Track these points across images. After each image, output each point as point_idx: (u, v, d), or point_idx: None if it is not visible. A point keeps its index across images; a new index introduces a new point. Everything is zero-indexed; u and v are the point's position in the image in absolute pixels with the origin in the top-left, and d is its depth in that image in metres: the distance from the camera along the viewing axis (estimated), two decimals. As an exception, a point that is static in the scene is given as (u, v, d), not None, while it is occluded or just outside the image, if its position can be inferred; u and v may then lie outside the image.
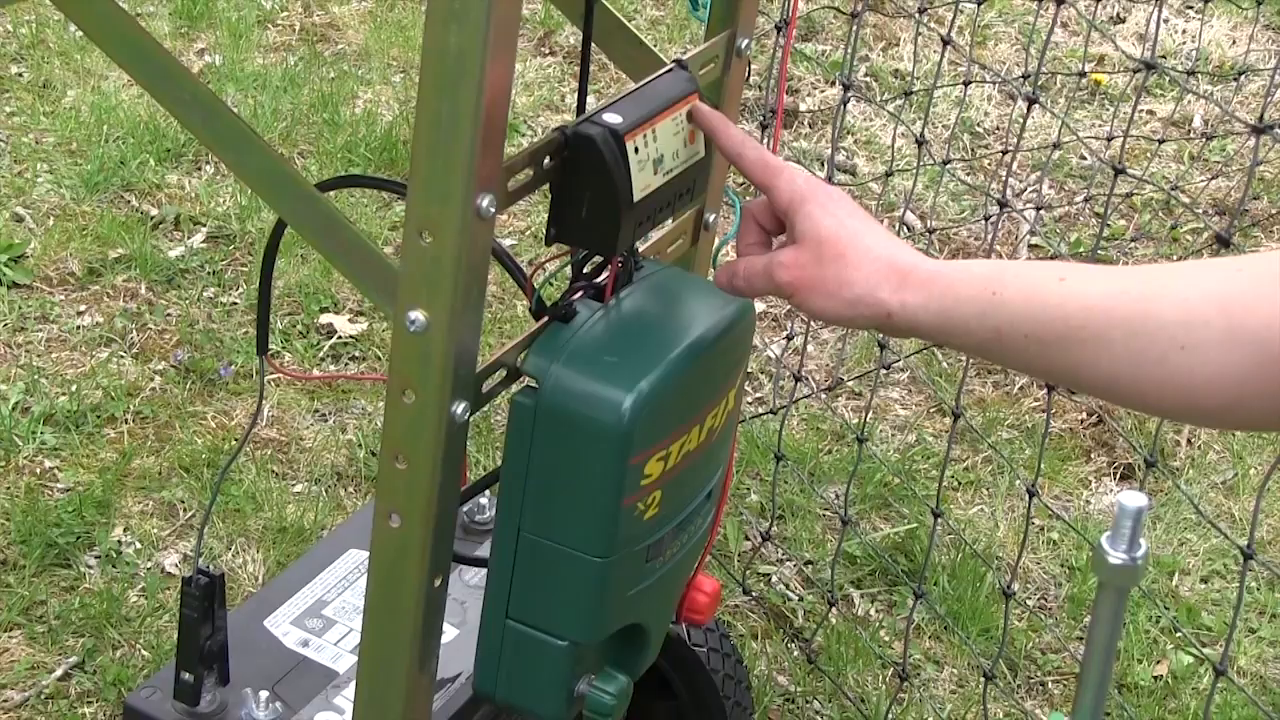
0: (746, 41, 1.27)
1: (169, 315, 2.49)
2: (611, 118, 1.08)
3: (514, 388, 1.12)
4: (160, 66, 1.06)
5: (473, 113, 0.94)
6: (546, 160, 1.07)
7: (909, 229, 2.94)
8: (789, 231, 1.07)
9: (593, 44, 1.21)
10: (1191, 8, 3.75)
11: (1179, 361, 0.81)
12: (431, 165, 0.97)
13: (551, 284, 1.18)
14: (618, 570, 1.13)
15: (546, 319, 1.12)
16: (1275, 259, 0.88)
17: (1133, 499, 0.75)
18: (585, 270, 1.17)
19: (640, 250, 1.21)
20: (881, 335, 2.33)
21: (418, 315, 1.01)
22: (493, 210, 0.99)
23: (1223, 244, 1.34)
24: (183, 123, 1.08)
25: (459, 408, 1.06)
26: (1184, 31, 3.69)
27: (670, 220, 1.26)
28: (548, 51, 3.43)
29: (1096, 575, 0.78)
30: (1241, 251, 2.89)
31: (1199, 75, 3.50)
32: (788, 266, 1.04)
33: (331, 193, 1.18)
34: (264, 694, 1.33)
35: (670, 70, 1.17)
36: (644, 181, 1.11)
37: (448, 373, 1.03)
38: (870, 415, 2.41)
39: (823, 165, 2.95)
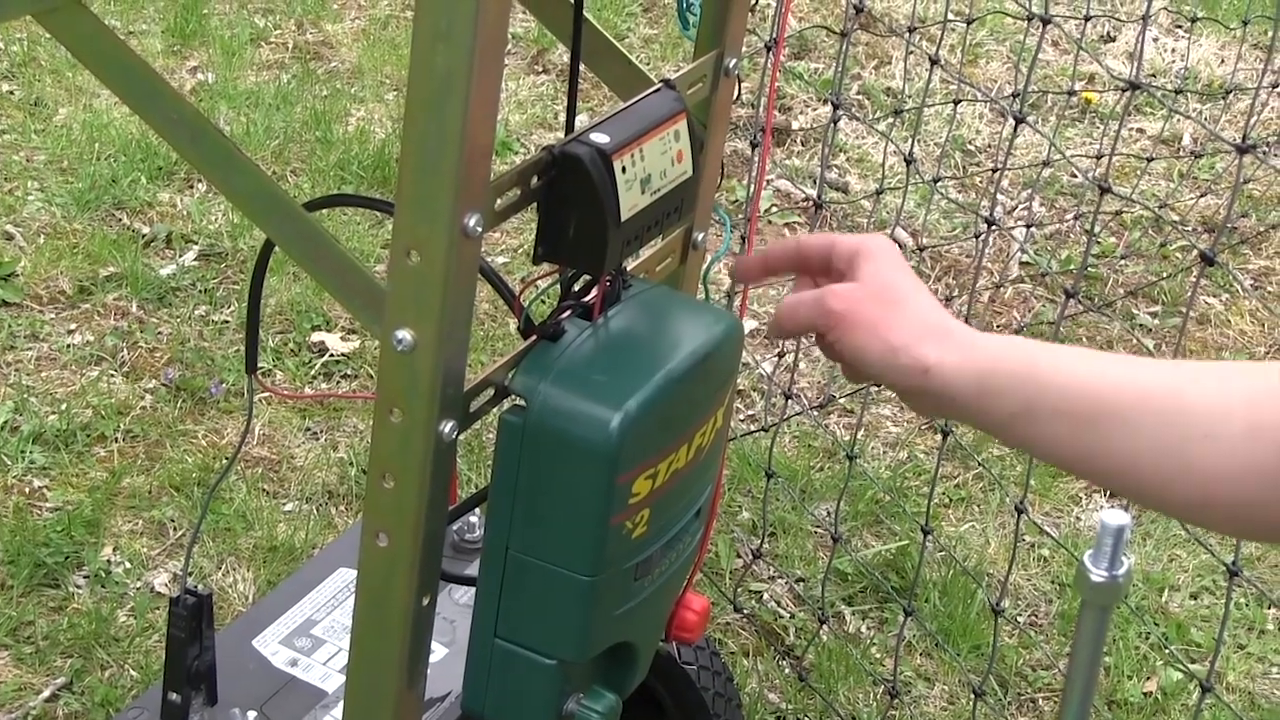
0: (735, 61, 1.27)
1: (160, 334, 2.48)
2: (599, 137, 1.08)
3: (503, 406, 1.12)
4: (147, 86, 1.06)
5: (460, 132, 0.94)
6: (534, 179, 1.07)
7: (900, 245, 2.94)
8: (850, 273, 1.07)
9: (582, 63, 1.21)
10: (1180, 27, 3.77)
11: (1202, 449, 0.82)
12: (418, 184, 0.97)
13: (544, 301, 1.19)
14: (606, 589, 1.13)
15: (535, 338, 1.12)
16: None
17: (1114, 517, 0.75)
18: (574, 289, 1.17)
19: (629, 269, 1.21)
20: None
21: (405, 334, 1.01)
22: (480, 229, 1.00)
23: (1207, 263, 1.34)
24: (170, 143, 1.08)
25: (447, 426, 1.06)
26: (1173, 50, 3.71)
27: (659, 239, 1.26)
28: (540, 70, 3.44)
29: (1079, 593, 0.78)
30: (1228, 269, 2.89)
31: (1188, 94, 3.52)
32: (842, 296, 1.04)
33: (321, 212, 1.18)
34: (252, 714, 1.33)
35: (658, 90, 1.18)
36: (632, 201, 1.11)
37: (435, 392, 1.03)
38: (861, 432, 2.42)
39: (814, 183, 2.95)
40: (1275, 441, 0.86)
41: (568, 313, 1.14)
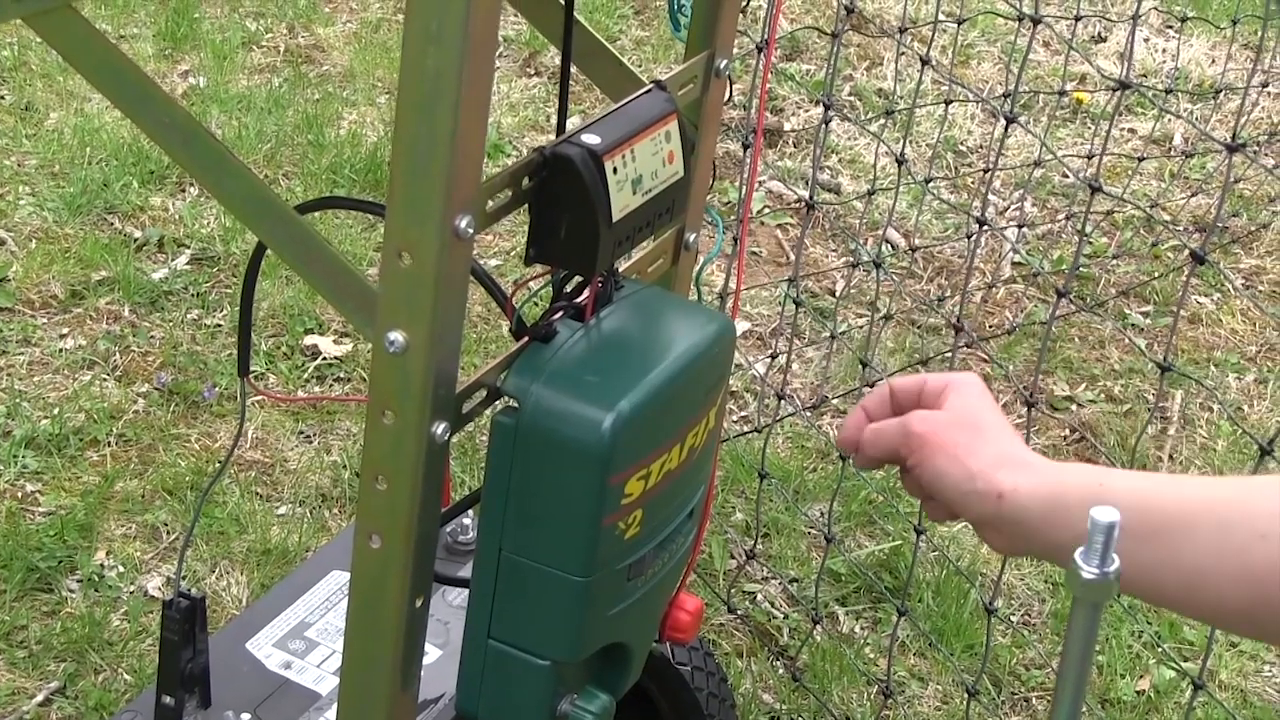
0: (725, 62, 1.27)
1: (152, 338, 2.48)
2: (590, 138, 1.09)
3: (496, 407, 1.12)
4: (139, 90, 1.06)
5: (450, 133, 0.94)
6: (525, 181, 1.07)
7: (892, 246, 2.95)
8: (936, 406, 1.10)
9: (573, 65, 1.22)
10: (1171, 27, 3.78)
11: (1258, 550, 0.83)
12: (410, 186, 0.97)
13: (536, 303, 1.19)
14: (599, 589, 1.13)
15: (527, 339, 1.12)
16: None
17: (1104, 514, 0.75)
18: (566, 290, 1.18)
19: (621, 270, 1.21)
20: (865, 354, 2.34)
21: (397, 336, 1.01)
22: (471, 231, 1.00)
23: (1198, 262, 1.35)
24: (161, 146, 1.08)
25: (439, 428, 1.06)
26: (1164, 51, 3.72)
27: (650, 240, 1.27)
28: (533, 72, 3.44)
29: (1070, 590, 0.78)
30: (1218, 268, 2.90)
31: (1178, 94, 3.53)
32: (925, 419, 1.07)
33: (313, 215, 1.18)
34: (246, 717, 1.33)
35: (649, 91, 1.18)
36: (623, 201, 1.11)
37: (427, 393, 1.03)
38: (854, 433, 2.42)
39: (806, 184, 2.96)
40: None
41: (560, 314, 1.14)
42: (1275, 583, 0.90)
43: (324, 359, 2.48)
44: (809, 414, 2.47)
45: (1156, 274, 2.93)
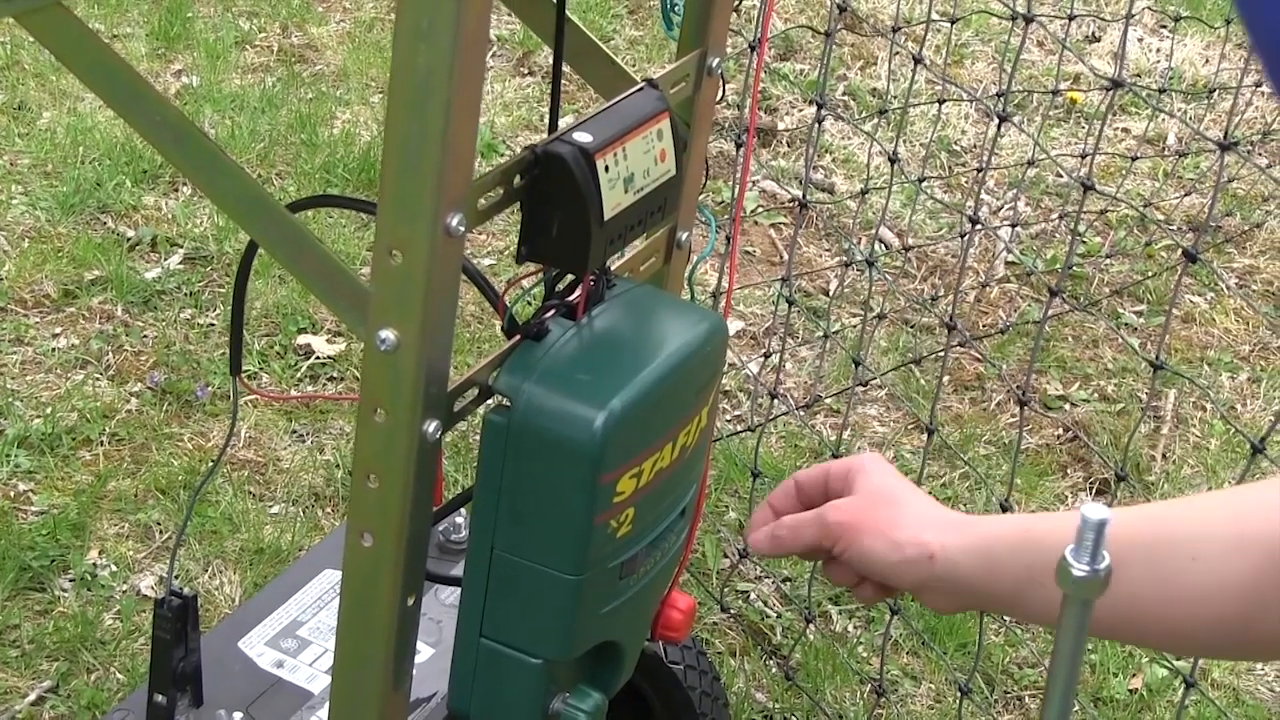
0: (718, 60, 1.27)
1: (145, 337, 2.48)
2: (582, 136, 1.09)
3: (488, 406, 1.12)
4: (130, 88, 1.06)
5: (441, 131, 0.94)
6: (517, 179, 1.07)
7: (886, 246, 2.95)
8: (847, 491, 1.12)
9: (566, 64, 1.22)
10: (1165, 27, 3.78)
11: (1191, 573, 0.84)
12: (400, 184, 0.97)
13: (529, 302, 1.19)
14: (591, 588, 1.13)
15: (519, 337, 1.12)
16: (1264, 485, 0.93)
17: (1095, 511, 0.75)
18: (558, 288, 1.18)
19: (613, 268, 1.21)
20: (858, 353, 2.34)
21: (388, 334, 1.01)
22: (462, 229, 1.00)
23: (1190, 260, 1.35)
24: (153, 144, 1.08)
25: (430, 426, 1.06)
26: (1157, 50, 3.72)
27: (643, 238, 1.27)
28: (527, 72, 3.44)
29: (1061, 588, 0.78)
30: (1211, 267, 2.90)
31: (1172, 93, 3.53)
32: (841, 509, 1.10)
33: (305, 213, 1.18)
34: (238, 715, 1.32)
35: (641, 89, 1.18)
36: (615, 200, 1.11)
37: (419, 391, 1.03)
38: (848, 432, 2.42)
39: (800, 183, 2.96)
40: (1257, 554, 0.88)
41: (551, 312, 1.14)
42: (1206, 606, 0.91)
43: (317, 358, 2.47)
44: (802, 413, 2.47)
45: (1150, 273, 2.94)
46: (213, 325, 2.52)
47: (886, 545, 1.06)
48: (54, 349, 2.44)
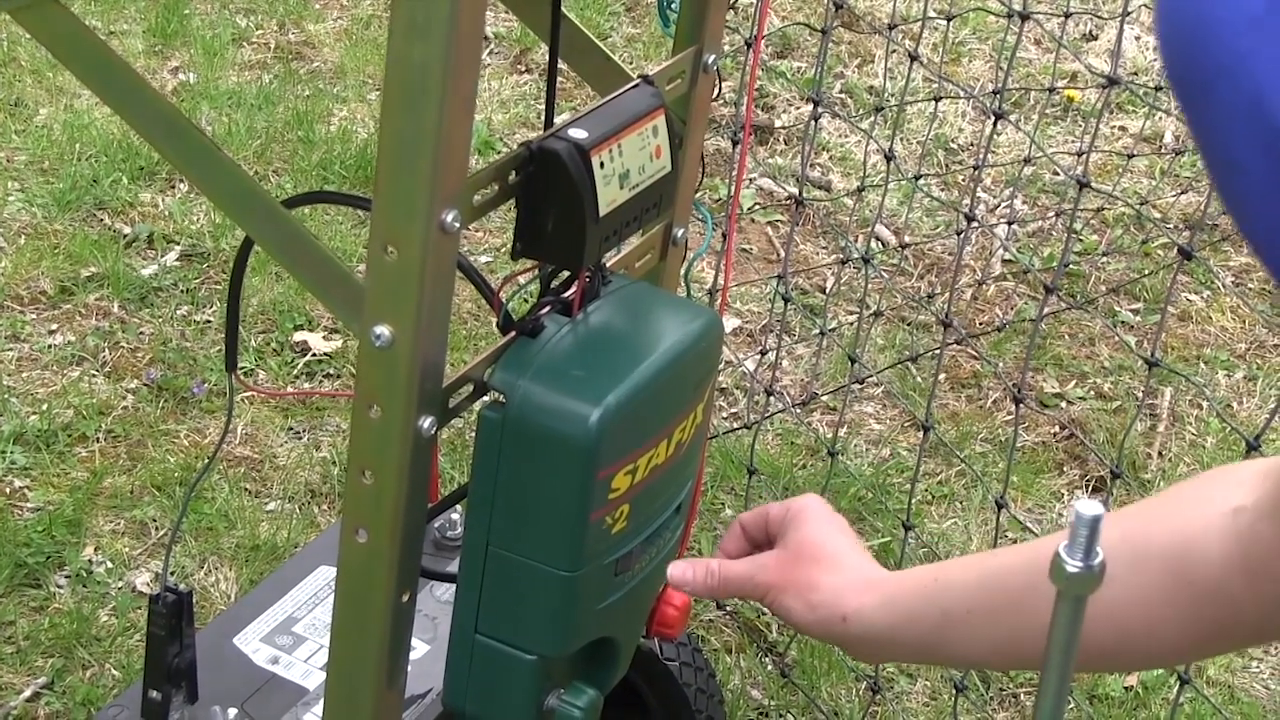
0: (714, 57, 1.27)
1: (142, 334, 2.48)
2: (577, 133, 1.09)
3: (483, 402, 1.12)
4: (126, 84, 1.06)
5: (436, 127, 0.94)
6: (512, 175, 1.07)
7: (882, 244, 2.95)
8: (781, 538, 1.14)
9: (562, 60, 1.22)
10: (1162, 24, 3.78)
11: (1102, 595, 0.84)
12: (395, 180, 0.97)
13: (525, 299, 1.19)
14: (586, 584, 1.13)
15: (514, 333, 1.12)
16: (1175, 491, 0.96)
17: (1089, 507, 0.75)
18: (553, 285, 1.18)
19: (609, 265, 1.21)
20: (854, 354, 2.34)
21: (383, 330, 1.01)
22: (457, 225, 1.00)
23: (1186, 257, 1.35)
24: (148, 140, 1.08)
25: (425, 422, 1.06)
26: (1155, 49, 3.72)
27: (638, 235, 1.27)
28: (523, 69, 3.44)
29: (1054, 583, 0.78)
30: (1207, 265, 2.91)
31: (1169, 91, 3.53)
32: (769, 568, 1.12)
33: (301, 210, 1.18)
34: (233, 711, 1.32)
35: (636, 85, 1.18)
36: (610, 196, 1.11)
37: (414, 387, 1.03)
38: (844, 430, 2.42)
39: (797, 181, 2.96)
40: (1158, 559, 0.91)
41: (547, 309, 1.14)
42: (1126, 615, 0.93)
43: (313, 355, 2.47)
44: (798, 410, 2.47)
45: (1146, 271, 2.94)
46: (209, 322, 2.52)
47: (803, 606, 1.09)
48: (50, 345, 2.43)
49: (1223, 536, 0.89)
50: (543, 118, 3.23)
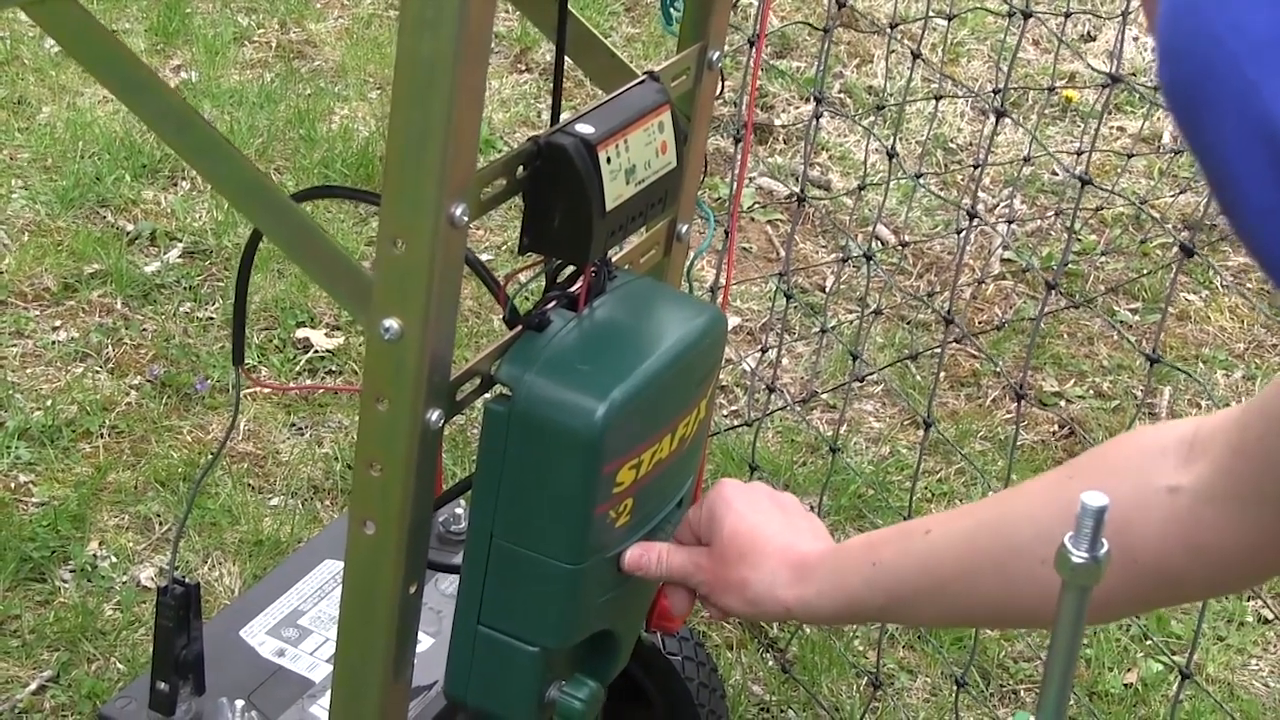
0: (718, 54, 1.28)
1: (145, 330, 2.49)
2: (584, 128, 1.09)
3: (488, 395, 1.12)
4: (135, 78, 1.07)
5: (445, 120, 0.95)
6: (520, 170, 1.08)
7: (882, 243, 2.96)
8: (708, 542, 1.15)
9: (566, 57, 1.22)
10: (1161, 25, 3.79)
11: (1047, 576, 0.85)
12: (404, 173, 0.98)
13: (527, 297, 1.20)
14: (589, 577, 1.14)
15: (520, 328, 1.13)
16: (1097, 459, 0.95)
17: (1094, 499, 0.76)
18: (559, 280, 1.18)
19: (614, 260, 1.22)
20: (855, 350, 2.35)
21: (392, 323, 1.02)
22: (466, 218, 1.01)
23: (1187, 254, 1.36)
24: (157, 133, 1.08)
25: (433, 415, 1.07)
26: (1153, 49, 3.73)
27: (643, 230, 1.28)
28: (524, 68, 3.45)
29: (1059, 574, 0.79)
30: (1209, 263, 2.92)
31: (1168, 92, 3.54)
32: (702, 568, 1.13)
33: (307, 204, 1.19)
34: (240, 703, 1.33)
35: (642, 81, 1.19)
36: (616, 191, 1.12)
37: (421, 380, 1.04)
38: (844, 427, 2.43)
39: (797, 180, 2.97)
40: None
41: (553, 303, 1.15)
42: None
43: (316, 352, 2.48)
44: (799, 408, 2.48)
45: (1145, 271, 2.95)
46: (212, 319, 2.53)
47: (743, 603, 1.10)
48: (54, 342, 2.44)
49: (1162, 518, 0.90)
50: (542, 116, 3.25)
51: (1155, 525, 0.90)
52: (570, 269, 1.17)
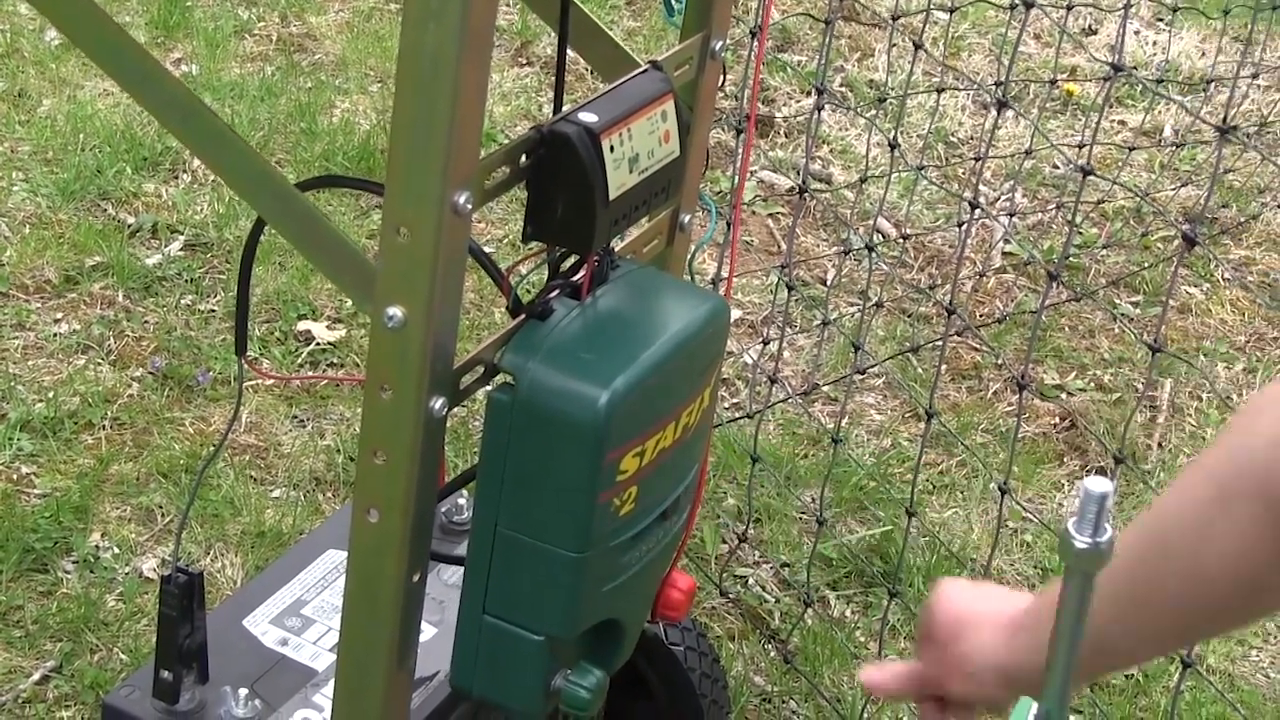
0: (721, 44, 1.28)
1: (146, 323, 2.49)
2: (587, 116, 1.10)
3: (491, 385, 1.13)
4: (139, 67, 1.07)
5: (449, 110, 0.95)
6: (523, 158, 1.08)
7: (883, 236, 2.96)
8: (932, 639, 1.09)
9: (569, 47, 1.23)
10: (1162, 19, 3.79)
11: (1208, 554, 0.81)
12: (409, 162, 0.98)
13: (528, 290, 1.20)
14: (593, 565, 1.15)
15: (523, 316, 1.13)
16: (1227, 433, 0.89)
17: (1097, 484, 0.76)
18: (562, 268, 1.19)
19: (617, 250, 1.22)
20: (857, 341, 2.35)
21: (396, 311, 1.02)
22: (469, 207, 1.01)
23: (1189, 244, 1.36)
24: (162, 123, 1.09)
25: (437, 403, 1.07)
26: (1154, 43, 3.73)
27: (646, 220, 1.28)
28: (525, 62, 3.45)
29: (1062, 560, 0.79)
30: (1210, 255, 2.92)
31: (1169, 84, 3.54)
32: (932, 662, 1.07)
33: (310, 194, 1.19)
34: (243, 692, 1.33)
35: (645, 71, 1.19)
36: (620, 180, 1.12)
37: (425, 368, 1.05)
38: (846, 419, 2.43)
39: (798, 173, 2.97)
40: (1251, 497, 0.85)
41: (556, 292, 1.15)
42: (1226, 581, 0.88)
43: (317, 344, 2.48)
44: (801, 400, 2.48)
45: (1146, 264, 2.95)
46: (213, 311, 2.53)
47: (966, 681, 1.04)
48: (55, 334, 2.44)
49: None
50: (543, 110, 3.24)
51: None
52: (573, 258, 1.18)
